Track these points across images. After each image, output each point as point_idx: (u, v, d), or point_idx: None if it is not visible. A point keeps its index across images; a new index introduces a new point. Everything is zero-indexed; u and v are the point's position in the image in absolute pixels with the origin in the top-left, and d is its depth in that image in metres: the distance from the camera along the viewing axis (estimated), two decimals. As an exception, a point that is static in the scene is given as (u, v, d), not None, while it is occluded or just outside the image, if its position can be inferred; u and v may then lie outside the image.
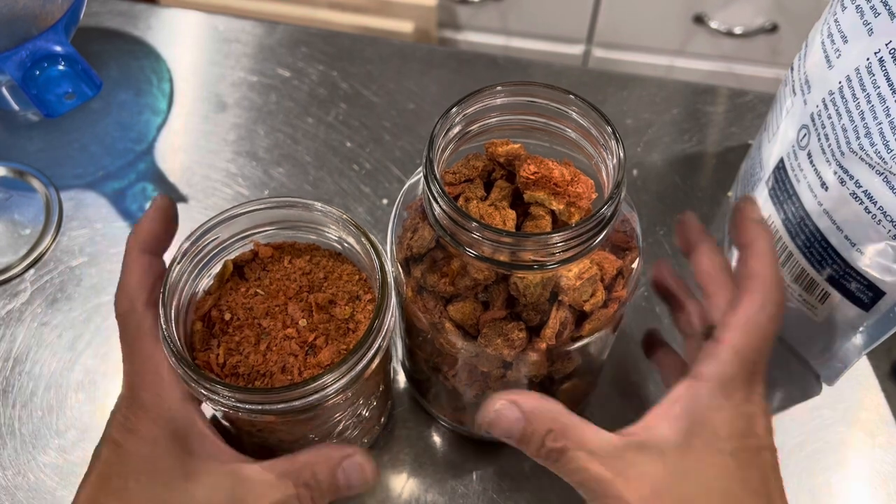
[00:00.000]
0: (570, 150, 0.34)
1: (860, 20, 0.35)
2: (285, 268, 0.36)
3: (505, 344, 0.32)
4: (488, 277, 0.31)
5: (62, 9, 0.49)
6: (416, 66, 0.60)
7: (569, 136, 0.34)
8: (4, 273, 0.49)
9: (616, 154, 0.31)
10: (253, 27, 0.63)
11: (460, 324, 0.32)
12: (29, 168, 0.53)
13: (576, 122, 0.33)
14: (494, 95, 0.33)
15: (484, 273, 0.31)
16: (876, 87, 0.34)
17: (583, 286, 0.31)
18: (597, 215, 0.29)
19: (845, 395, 0.45)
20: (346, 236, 0.36)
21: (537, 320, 0.32)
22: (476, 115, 0.33)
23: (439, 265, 0.32)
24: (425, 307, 0.33)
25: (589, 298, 0.32)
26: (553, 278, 0.31)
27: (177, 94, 0.59)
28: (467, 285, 0.32)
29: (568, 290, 0.31)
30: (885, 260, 0.37)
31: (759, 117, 0.57)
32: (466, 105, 0.32)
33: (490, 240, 0.29)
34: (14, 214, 0.52)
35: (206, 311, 0.35)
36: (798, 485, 0.42)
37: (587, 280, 0.31)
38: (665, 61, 1.23)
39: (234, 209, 0.35)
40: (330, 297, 0.35)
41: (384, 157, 0.55)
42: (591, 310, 0.32)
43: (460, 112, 0.32)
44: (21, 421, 0.43)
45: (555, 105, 0.33)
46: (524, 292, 0.31)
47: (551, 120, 0.34)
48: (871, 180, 0.35)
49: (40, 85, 0.47)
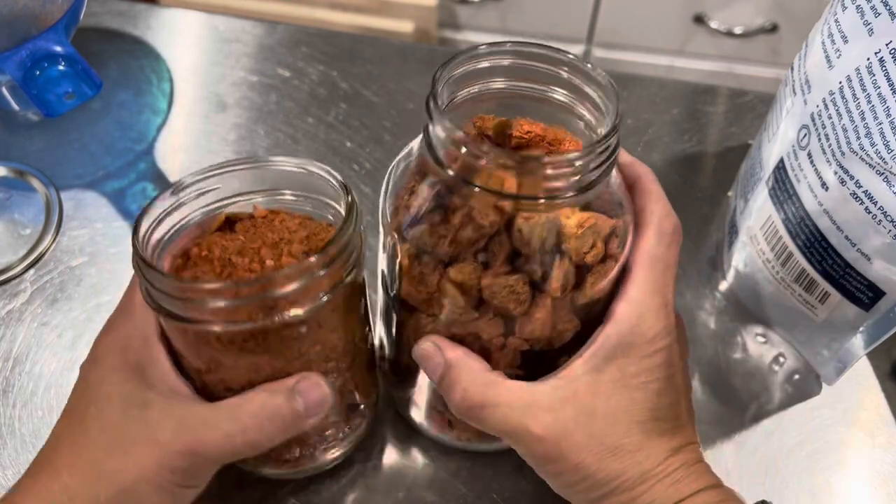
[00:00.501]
0: (558, 113, 0.34)
1: (860, 20, 0.35)
2: (274, 226, 0.37)
3: (511, 296, 0.31)
4: (493, 223, 0.30)
5: (62, 9, 0.49)
6: (416, 66, 0.60)
7: (556, 100, 0.34)
8: (4, 273, 0.49)
9: (610, 86, 0.32)
10: (253, 27, 0.63)
11: (462, 284, 0.32)
12: (29, 168, 0.53)
13: (566, 81, 0.33)
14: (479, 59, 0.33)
15: (489, 218, 0.30)
16: (876, 87, 0.34)
17: (584, 235, 0.31)
18: (608, 136, 0.29)
19: (845, 395, 0.45)
20: (335, 204, 0.36)
21: (540, 274, 0.31)
22: (464, 81, 0.33)
23: (437, 227, 0.32)
24: (422, 274, 0.32)
25: (590, 250, 0.31)
26: (556, 226, 0.31)
27: (177, 93, 0.58)
28: (469, 238, 0.31)
29: (570, 238, 0.31)
30: (885, 260, 0.37)
31: (759, 117, 0.57)
32: (465, 55, 0.33)
33: (500, 163, 0.29)
34: (14, 214, 0.52)
35: (185, 247, 0.35)
36: (798, 485, 0.42)
37: (588, 229, 0.31)
38: (665, 61, 1.23)
39: (233, 164, 0.36)
40: (305, 250, 0.35)
41: (384, 157, 0.55)
42: (592, 262, 0.32)
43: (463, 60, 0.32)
44: (21, 421, 0.43)
45: (544, 67, 0.33)
46: (528, 238, 0.30)
47: (540, 84, 0.34)
48: (872, 180, 0.35)
49: (40, 85, 0.47)
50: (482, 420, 0.32)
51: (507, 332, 0.33)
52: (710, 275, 0.50)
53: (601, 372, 0.32)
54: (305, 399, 0.33)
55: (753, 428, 0.44)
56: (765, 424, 0.44)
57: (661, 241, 0.33)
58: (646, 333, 0.32)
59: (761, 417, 0.44)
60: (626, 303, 0.32)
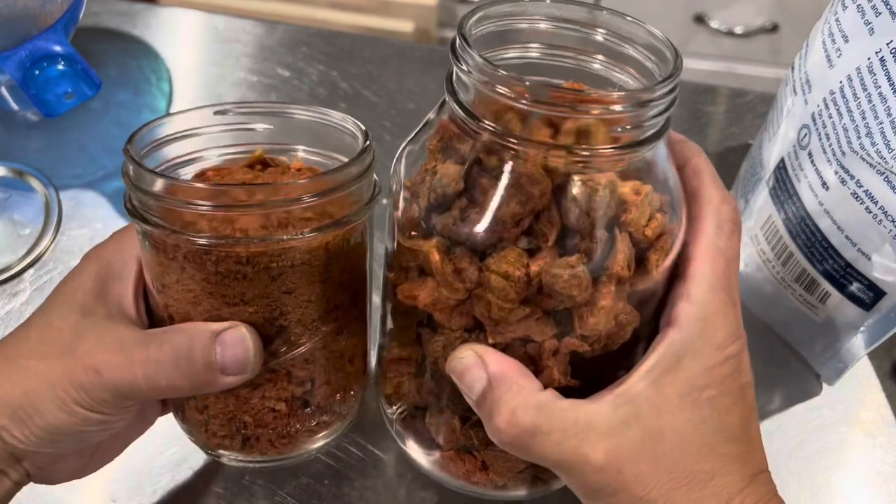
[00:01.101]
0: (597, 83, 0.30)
1: (861, 20, 0.34)
2: (298, 175, 0.34)
3: (574, 280, 0.26)
4: (544, 190, 0.25)
5: (62, 9, 0.49)
6: (416, 66, 0.60)
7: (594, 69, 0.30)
8: (4, 273, 0.49)
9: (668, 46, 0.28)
10: (253, 27, 0.63)
11: (507, 274, 0.26)
12: (28, 168, 0.53)
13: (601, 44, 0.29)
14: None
15: (539, 183, 0.25)
16: (877, 87, 0.34)
17: (642, 204, 0.26)
18: (672, 76, 0.26)
19: (846, 394, 0.45)
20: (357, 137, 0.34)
21: (599, 253, 0.26)
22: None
23: (470, 209, 0.26)
24: (458, 269, 0.27)
25: (648, 222, 0.27)
26: (615, 191, 0.26)
27: (176, 93, 0.58)
28: (514, 214, 0.26)
29: (630, 207, 0.26)
30: (885, 260, 0.37)
31: (759, 117, 0.57)
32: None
33: (551, 100, 0.24)
34: (13, 214, 0.52)
35: (203, 171, 0.34)
36: (798, 485, 0.42)
37: (645, 197, 0.26)
38: (665, 61, 1.23)
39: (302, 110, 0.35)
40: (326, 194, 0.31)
41: (384, 157, 0.55)
42: (653, 235, 0.27)
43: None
44: (20, 421, 0.43)
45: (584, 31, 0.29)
46: (587, 206, 0.25)
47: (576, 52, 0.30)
48: (872, 180, 0.35)
49: (40, 85, 0.47)
50: (530, 449, 0.27)
51: (560, 333, 0.28)
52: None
53: (665, 385, 0.27)
54: (225, 352, 0.30)
55: (754, 428, 0.44)
56: (765, 424, 0.44)
57: (720, 232, 0.28)
58: (713, 337, 0.27)
59: (762, 417, 0.44)
60: (687, 303, 0.28)
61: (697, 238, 0.28)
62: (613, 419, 0.27)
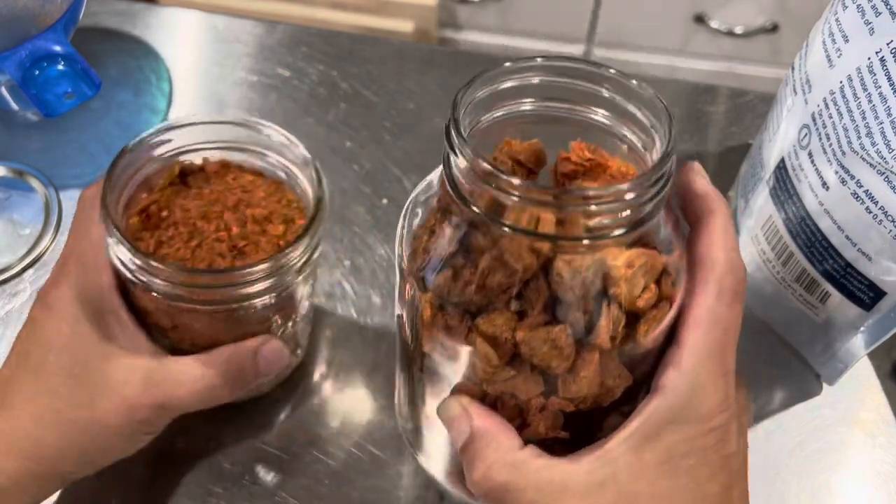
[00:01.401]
0: (598, 136, 0.30)
1: (861, 19, 0.34)
2: (228, 182, 0.38)
3: (553, 352, 0.27)
4: (528, 266, 0.26)
5: (61, 9, 0.49)
6: (416, 66, 0.60)
7: (596, 121, 0.29)
8: (3, 273, 0.49)
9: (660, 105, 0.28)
10: (253, 27, 0.63)
11: (494, 337, 0.27)
12: (28, 168, 0.53)
13: (606, 100, 0.29)
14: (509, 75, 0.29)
15: (523, 261, 0.26)
16: (877, 87, 0.34)
17: (635, 276, 0.26)
18: (662, 163, 0.25)
19: (846, 395, 0.45)
20: (287, 163, 0.37)
21: (584, 324, 0.27)
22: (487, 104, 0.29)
23: (462, 272, 0.28)
24: (448, 326, 0.28)
25: (641, 293, 0.27)
26: (602, 268, 0.26)
27: (176, 93, 0.58)
28: (500, 284, 0.27)
29: (619, 281, 0.26)
30: (886, 260, 0.37)
31: (759, 117, 0.57)
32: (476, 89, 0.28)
33: (535, 199, 0.25)
34: (13, 214, 0.52)
35: (144, 206, 0.36)
36: (798, 485, 0.42)
37: (639, 269, 0.26)
38: (666, 61, 1.23)
39: (189, 119, 0.37)
40: (266, 215, 0.36)
41: (384, 156, 0.55)
42: (645, 307, 0.27)
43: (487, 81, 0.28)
44: (20, 421, 0.43)
45: (581, 84, 0.29)
46: (571, 284, 0.26)
47: (576, 104, 0.29)
48: (873, 180, 0.35)
49: (39, 85, 0.47)
50: (503, 503, 0.28)
51: (547, 391, 0.29)
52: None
53: (645, 451, 0.27)
54: (269, 365, 0.36)
55: (754, 428, 0.44)
56: (765, 424, 0.44)
57: (721, 299, 0.28)
58: (699, 408, 0.27)
59: (762, 417, 0.44)
60: (676, 371, 0.27)
61: (696, 303, 0.28)
62: (589, 481, 0.27)
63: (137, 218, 0.36)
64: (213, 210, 0.36)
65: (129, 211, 0.36)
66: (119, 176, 0.35)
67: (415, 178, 0.53)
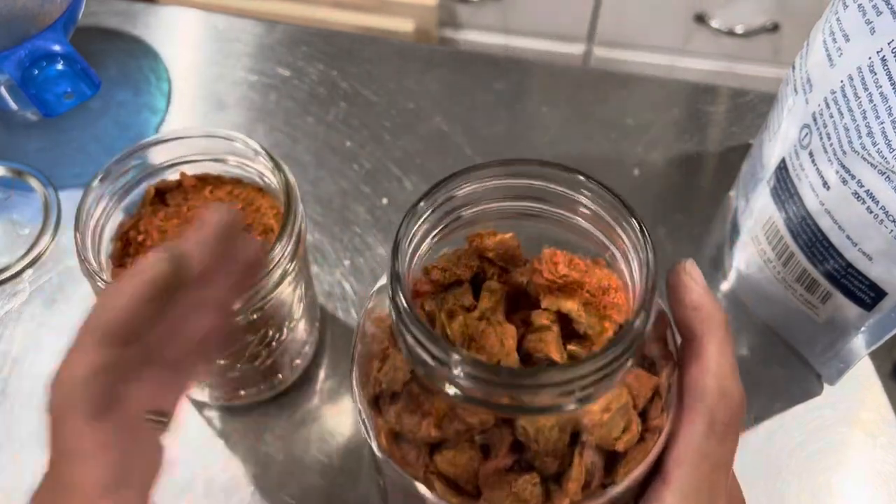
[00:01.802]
0: (575, 236, 0.27)
1: (862, 19, 0.34)
2: (205, 197, 0.38)
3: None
4: (485, 422, 0.24)
5: (61, 8, 0.49)
6: (416, 66, 0.59)
7: (575, 224, 0.27)
8: (3, 273, 0.49)
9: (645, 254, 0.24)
10: (253, 26, 0.63)
11: (454, 479, 0.25)
12: (27, 168, 0.53)
13: (588, 210, 0.26)
14: (479, 179, 0.26)
15: (479, 416, 0.24)
16: (878, 87, 0.33)
17: (612, 420, 0.24)
18: (628, 332, 0.22)
19: (847, 395, 0.45)
20: (262, 169, 0.37)
21: (555, 468, 0.24)
22: (456, 205, 0.26)
23: (419, 402, 0.24)
24: (405, 460, 0.25)
25: (621, 435, 0.24)
26: (571, 421, 0.24)
27: (175, 93, 0.58)
28: (458, 430, 0.24)
29: (593, 429, 0.24)
30: (886, 260, 0.37)
31: (760, 117, 0.57)
32: (439, 195, 0.25)
33: (486, 381, 0.22)
34: (13, 214, 0.52)
35: (124, 231, 0.37)
36: (798, 485, 0.42)
37: (617, 412, 0.24)
38: (666, 60, 1.23)
39: (160, 136, 0.37)
40: (244, 227, 0.36)
41: (384, 156, 0.55)
42: (626, 448, 0.24)
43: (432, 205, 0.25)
44: (20, 422, 0.43)
45: (560, 189, 0.26)
46: (536, 438, 0.23)
47: (554, 207, 0.27)
48: (873, 180, 0.35)
49: (39, 84, 0.47)
50: None
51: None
52: (711, 275, 0.50)
53: None
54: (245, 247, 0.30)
55: (755, 428, 0.44)
56: (766, 424, 0.44)
57: (711, 433, 0.25)
58: None
59: (762, 417, 0.44)
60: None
61: (683, 435, 0.25)
62: None
63: (119, 243, 0.36)
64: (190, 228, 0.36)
65: (114, 235, 0.37)
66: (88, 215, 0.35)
67: (415, 178, 0.53)
